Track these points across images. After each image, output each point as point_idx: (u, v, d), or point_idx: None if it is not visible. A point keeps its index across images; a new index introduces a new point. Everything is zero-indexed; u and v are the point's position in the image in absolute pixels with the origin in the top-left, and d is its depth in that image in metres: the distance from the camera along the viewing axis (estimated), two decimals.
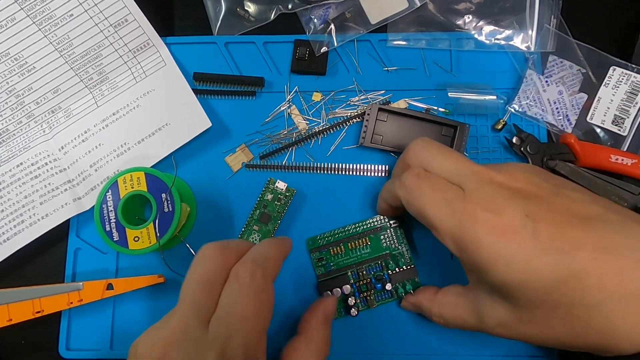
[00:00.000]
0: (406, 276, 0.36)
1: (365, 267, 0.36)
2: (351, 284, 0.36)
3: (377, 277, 0.36)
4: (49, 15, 0.37)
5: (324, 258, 0.36)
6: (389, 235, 0.36)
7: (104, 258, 0.38)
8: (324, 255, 0.36)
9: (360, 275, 0.36)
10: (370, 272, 0.36)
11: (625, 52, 0.39)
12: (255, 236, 0.37)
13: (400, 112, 0.38)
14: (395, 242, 0.36)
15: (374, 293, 0.36)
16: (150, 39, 0.39)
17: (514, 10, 0.39)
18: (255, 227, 0.37)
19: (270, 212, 0.37)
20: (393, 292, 0.36)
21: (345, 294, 0.35)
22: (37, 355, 0.38)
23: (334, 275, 0.36)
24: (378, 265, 0.36)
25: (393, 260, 0.36)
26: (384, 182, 0.38)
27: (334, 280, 0.36)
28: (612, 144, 0.37)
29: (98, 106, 0.39)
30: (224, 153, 0.39)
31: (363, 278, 0.36)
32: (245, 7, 0.40)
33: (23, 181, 0.38)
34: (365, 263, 0.36)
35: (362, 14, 0.39)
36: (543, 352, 0.35)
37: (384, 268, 0.36)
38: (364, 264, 0.36)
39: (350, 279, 0.36)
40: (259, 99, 0.40)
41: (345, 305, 0.36)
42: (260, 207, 0.37)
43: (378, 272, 0.36)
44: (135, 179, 0.34)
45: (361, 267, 0.36)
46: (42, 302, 0.35)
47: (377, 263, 0.36)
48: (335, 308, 0.32)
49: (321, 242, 0.37)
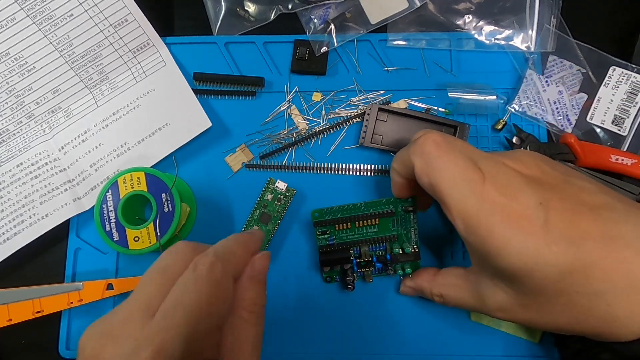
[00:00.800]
0: (408, 258, 0.35)
1: (369, 246, 0.35)
2: (351, 260, 0.35)
3: (378, 257, 0.35)
4: (49, 15, 0.37)
5: (327, 232, 0.35)
6: (398, 218, 0.35)
7: (104, 258, 0.38)
8: (328, 229, 0.35)
9: (363, 253, 0.35)
10: (373, 251, 0.35)
11: (625, 52, 0.39)
12: None
13: (400, 112, 0.38)
14: (404, 225, 0.35)
15: (374, 271, 0.35)
16: (150, 39, 0.39)
17: (514, 10, 0.39)
18: (255, 227, 0.37)
19: (270, 212, 0.37)
20: (391, 271, 0.35)
21: (345, 269, 0.35)
22: (37, 355, 0.38)
23: (335, 249, 0.35)
24: (382, 245, 0.35)
25: (399, 242, 0.35)
26: (383, 182, 0.38)
27: (335, 254, 0.35)
28: (612, 144, 0.37)
29: (98, 106, 0.39)
30: (224, 153, 0.39)
31: (365, 256, 0.35)
32: (245, 7, 0.40)
33: (23, 181, 0.38)
34: (369, 242, 0.35)
35: (362, 14, 0.39)
36: (544, 352, 0.35)
37: (387, 249, 0.35)
38: (368, 243, 0.35)
39: (352, 255, 0.35)
40: (259, 99, 0.40)
41: (342, 279, 0.35)
42: (260, 207, 0.37)
43: (381, 251, 0.35)
44: (135, 179, 0.34)
45: (365, 245, 0.35)
46: (42, 302, 0.35)
47: (381, 244, 0.35)
48: (268, 262, 0.28)
49: (328, 216, 0.35)
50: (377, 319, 0.36)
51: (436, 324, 0.36)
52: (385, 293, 0.36)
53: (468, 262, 0.36)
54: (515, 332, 0.35)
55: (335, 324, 0.36)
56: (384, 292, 0.36)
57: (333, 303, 0.36)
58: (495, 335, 0.35)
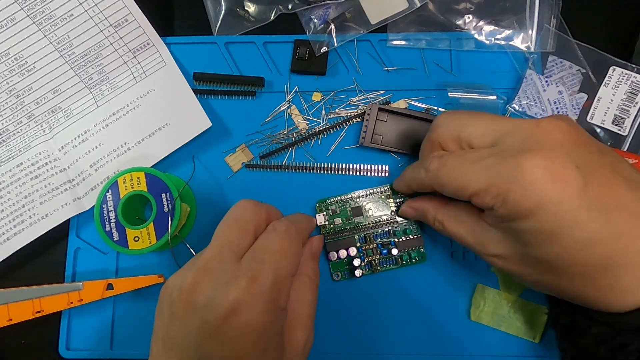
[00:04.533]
0: (412, 244, 0.36)
1: (372, 232, 0.36)
2: (358, 247, 0.36)
3: (383, 244, 0.36)
4: (49, 15, 0.37)
5: (332, 220, 0.37)
6: (395, 202, 0.37)
7: (104, 258, 0.38)
8: (331, 218, 0.37)
9: (367, 239, 0.36)
10: (377, 238, 0.36)
11: (625, 52, 0.39)
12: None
13: (400, 112, 0.38)
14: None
15: (379, 259, 0.36)
16: (150, 39, 0.39)
17: (514, 10, 0.39)
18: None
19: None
20: (398, 258, 0.36)
21: (351, 256, 0.36)
22: (37, 355, 0.38)
23: (340, 237, 0.36)
24: (385, 232, 0.36)
25: (401, 228, 0.36)
26: (384, 182, 0.38)
27: (340, 242, 0.36)
28: (612, 144, 0.37)
29: (98, 106, 0.39)
30: (224, 153, 0.39)
31: (370, 242, 0.36)
32: (245, 7, 0.40)
33: (23, 181, 0.38)
34: (372, 228, 0.37)
35: (362, 14, 0.39)
36: (544, 352, 0.35)
37: (391, 235, 0.36)
38: (371, 229, 0.37)
39: (357, 242, 0.36)
40: (259, 99, 0.40)
41: (350, 266, 0.36)
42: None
43: (385, 238, 0.36)
44: (135, 179, 0.34)
45: (369, 231, 0.36)
46: (42, 302, 0.35)
47: (385, 230, 0.36)
48: (322, 244, 0.35)
49: (330, 202, 0.37)
50: (377, 318, 0.36)
51: (436, 324, 0.36)
52: (385, 293, 0.36)
53: (468, 262, 0.36)
54: (515, 332, 0.35)
55: (335, 324, 0.36)
56: (384, 292, 0.36)
57: (333, 302, 0.36)
58: (495, 335, 0.35)
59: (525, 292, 0.36)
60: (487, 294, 0.36)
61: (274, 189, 0.38)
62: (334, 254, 0.36)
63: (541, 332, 0.35)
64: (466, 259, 0.37)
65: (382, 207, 0.37)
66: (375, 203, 0.37)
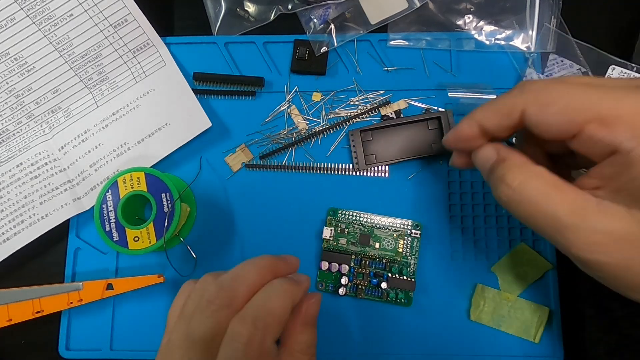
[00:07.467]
0: (404, 286, 0.36)
1: (369, 259, 0.36)
2: (350, 267, 0.36)
3: (376, 273, 0.36)
4: (48, 15, 0.37)
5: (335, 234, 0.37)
6: (405, 243, 0.36)
7: (104, 258, 0.38)
8: (337, 235, 0.37)
9: (362, 263, 0.36)
10: (372, 266, 0.36)
11: (625, 52, 0.39)
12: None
13: (380, 126, 0.38)
14: (408, 251, 0.36)
15: (367, 286, 0.36)
16: (150, 39, 0.39)
17: (514, 10, 0.39)
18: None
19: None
20: (385, 293, 0.36)
21: (342, 273, 0.36)
22: (37, 355, 0.38)
23: (338, 251, 0.36)
24: (382, 263, 0.36)
25: (398, 266, 0.36)
26: (383, 182, 0.38)
27: (336, 255, 0.36)
28: None
29: (98, 106, 0.39)
30: (224, 153, 0.39)
31: (364, 267, 0.36)
32: (245, 7, 0.40)
33: (23, 181, 0.38)
34: (371, 256, 0.36)
35: (362, 14, 0.39)
36: (544, 352, 0.35)
37: (386, 268, 0.36)
38: (369, 256, 0.36)
39: (352, 262, 0.36)
40: (258, 99, 0.40)
41: (336, 282, 0.36)
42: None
43: (380, 269, 0.36)
44: (135, 179, 0.34)
45: (366, 257, 0.36)
46: (42, 302, 0.35)
47: (382, 261, 0.36)
48: (319, 307, 0.27)
49: (341, 217, 0.37)
50: (376, 318, 0.36)
51: (436, 324, 0.36)
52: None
53: (468, 262, 0.36)
54: (515, 332, 0.35)
55: (334, 324, 0.36)
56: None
57: (332, 302, 0.36)
58: (495, 335, 0.35)
59: (525, 292, 0.36)
60: (487, 294, 0.36)
61: (273, 189, 0.38)
62: (325, 263, 0.36)
63: (541, 332, 0.35)
64: (466, 259, 0.37)
65: (389, 243, 0.37)
66: (386, 239, 0.36)
